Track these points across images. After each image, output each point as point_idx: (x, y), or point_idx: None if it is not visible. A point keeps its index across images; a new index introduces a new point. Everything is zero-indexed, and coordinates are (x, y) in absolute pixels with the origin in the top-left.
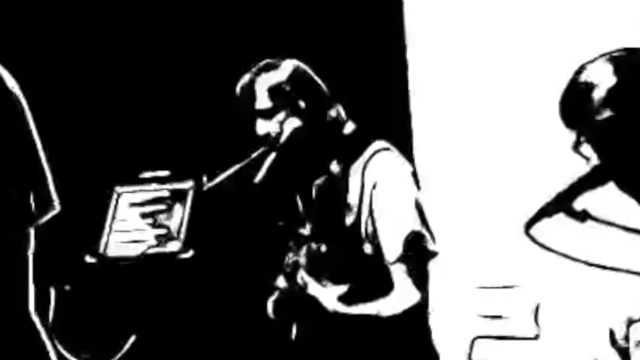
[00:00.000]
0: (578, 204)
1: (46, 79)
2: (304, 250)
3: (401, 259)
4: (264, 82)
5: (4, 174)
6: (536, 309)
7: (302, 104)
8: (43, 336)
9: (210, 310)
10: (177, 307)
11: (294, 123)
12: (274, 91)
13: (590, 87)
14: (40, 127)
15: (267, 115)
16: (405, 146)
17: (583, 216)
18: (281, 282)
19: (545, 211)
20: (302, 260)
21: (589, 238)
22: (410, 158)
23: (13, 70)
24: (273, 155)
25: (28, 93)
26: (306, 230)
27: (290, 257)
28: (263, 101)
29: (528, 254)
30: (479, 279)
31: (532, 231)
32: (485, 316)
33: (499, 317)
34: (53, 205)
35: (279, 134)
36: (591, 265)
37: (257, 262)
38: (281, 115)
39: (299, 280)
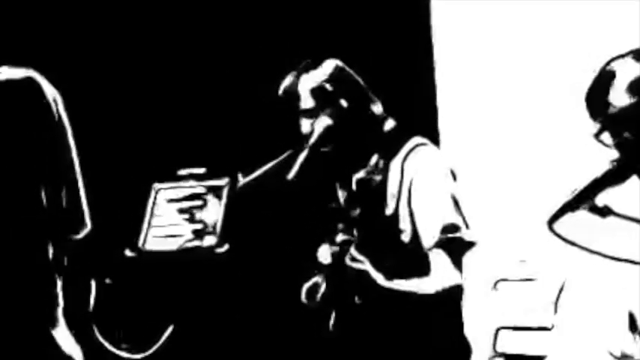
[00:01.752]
0: (600, 200)
1: (88, 80)
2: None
3: (438, 248)
4: (307, 82)
5: (40, 191)
6: (558, 300)
7: (344, 103)
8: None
9: (245, 302)
10: (213, 299)
11: (325, 122)
12: (317, 91)
13: (613, 77)
14: (83, 128)
15: (311, 113)
16: (431, 142)
17: (605, 211)
18: (325, 258)
19: (569, 207)
20: (352, 239)
21: (610, 233)
22: None
23: (50, 73)
24: (305, 153)
25: (69, 94)
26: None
27: (340, 237)
28: (307, 100)
29: (551, 248)
30: (503, 271)
31: (555, 225)
32: (509, 308)
33: (522, 309)
34: (85, 224)
35: (310, 133)
36: (612, 258)
37: (289, 255)
38: (322, 114)
39: (348, 259)
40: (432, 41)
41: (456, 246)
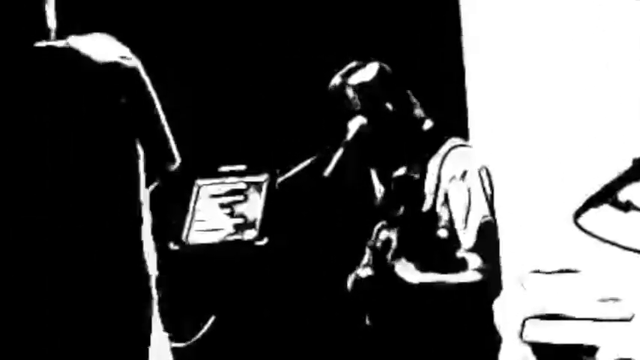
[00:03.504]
0: (623, 195)
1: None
2: (395, 229)
3: (475, 244)
4: (354, 82)
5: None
6: (588, 292)
7: (389, 105)
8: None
9: (283, 294)
10: (254, 290)
11: (359, 121)
12: (363, 91)
13: None
14: None
15: (357, 113)
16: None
17: (627, 206)
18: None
19: (592, 202)
20: (393, 237)
21: (632, 227)
22: None
23: None
24: (340, 151)
25: None
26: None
27: (381, 234)
28: (354, 101)
29: (577, 241)
30: (531, 264)
31: (580, 220)
32: (537, 299)
33: (550, 299)
34: (175, 159)
35: (346, 132)
36: (633, 250)
37: (327, 249)
38: (365, 115)
39: (389, 257)
40: (462, 41)
41: (489, 241)
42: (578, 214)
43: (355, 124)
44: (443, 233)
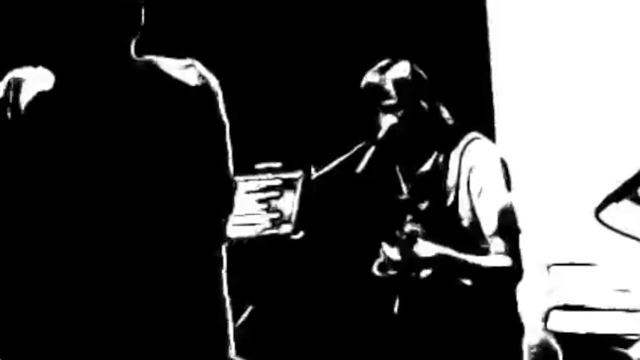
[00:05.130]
0: None
1: None
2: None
3: (496, 232)
4: (389, 79)
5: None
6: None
7: (415, 99)
8: None
9: (317, 285)
10: (288, 282)
11: (391, 120)
12: (398, 88)
13: None
14: None
15: (389, 109)
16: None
17: None
18: (392, 253)
19: (613, 197)
20: (419, 230)
21: None
22: None
23: None
24: (373, 148)
25: None
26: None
27: (407, 227)
28: (388, 97)
29: (598, 235)
30: (553, 256)
31: (601, 215)
32: (559, 290)
33: (572, 290)
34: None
35: (378, 130)
36: None
37: (358, 241)
38: (400, 111)
39: (415, 248)
40: (489, 39)
41: (511, 231)
42: (599, 209)
43: (387, 122)
44: (465, 223)
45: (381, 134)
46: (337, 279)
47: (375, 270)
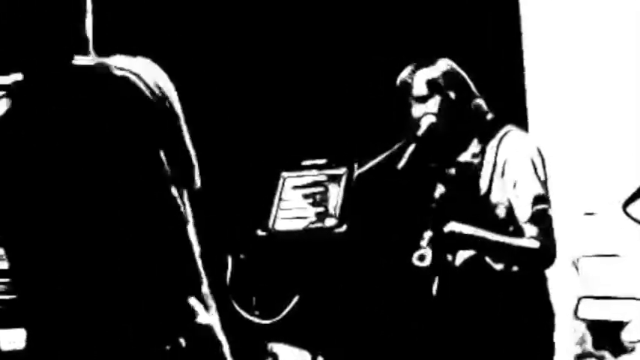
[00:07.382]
0: None
1: (224, 76)
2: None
3: (529, 220)
4: (423, 76)
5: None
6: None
7: (452, 95)
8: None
9: (359, 274)
10: (333, 272)
11: (430, 119)
12: (431, 83)
13: None
14: (226, 127)
15: (423, 100)
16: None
17: None
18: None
19: None
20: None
21: None
22: None
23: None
24: (413, 146)
25: (205, 91)
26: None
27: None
28: (421, 90)
29: (627, 228)
30: (584, 248)
31: (629, 209)
32: (589, 280)
33: (601, 281)
34: (195, 183)
35: (418, 127)
36: None
37: (400, 233)
38: (431, 101)
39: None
40: (522, 37)
41: (544, 219)
42: (627, 203)
43: (426, 120)
44: (501, 212)
45: (420, 132)
46: (379, 269)
47: (414, 261)
